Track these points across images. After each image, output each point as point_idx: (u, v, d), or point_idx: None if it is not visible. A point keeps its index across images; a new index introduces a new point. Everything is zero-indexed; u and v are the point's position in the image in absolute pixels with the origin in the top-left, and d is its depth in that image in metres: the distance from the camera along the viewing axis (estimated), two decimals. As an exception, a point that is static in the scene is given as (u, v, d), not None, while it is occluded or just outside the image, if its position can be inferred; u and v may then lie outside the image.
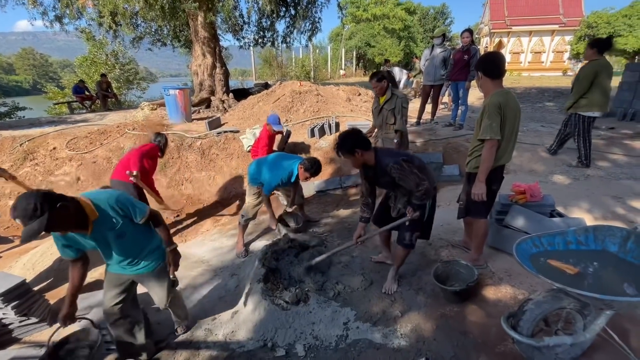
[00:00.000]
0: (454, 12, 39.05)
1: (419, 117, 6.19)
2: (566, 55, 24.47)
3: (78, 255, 1.76)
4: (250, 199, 3.34)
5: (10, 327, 2.44)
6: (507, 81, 13.91)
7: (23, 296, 2.47)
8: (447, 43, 5.72)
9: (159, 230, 2.01)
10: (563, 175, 4.12)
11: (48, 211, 1.39)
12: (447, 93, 7.13)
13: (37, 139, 5.89)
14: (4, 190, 5.10)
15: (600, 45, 3.72)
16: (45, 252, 3.53)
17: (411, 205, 2.25)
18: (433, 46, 5.64)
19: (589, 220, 3.00)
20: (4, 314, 2.39)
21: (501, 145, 2.21)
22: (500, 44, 25.18)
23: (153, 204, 4.25)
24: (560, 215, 2.80)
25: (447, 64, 5.47)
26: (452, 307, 2.28)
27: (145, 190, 3.91)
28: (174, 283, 2.13)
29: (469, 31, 5.20)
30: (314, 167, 3.06)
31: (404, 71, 10.17)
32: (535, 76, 19.97)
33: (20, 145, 5.70)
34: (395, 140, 3.65)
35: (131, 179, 3.65)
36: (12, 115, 11.76)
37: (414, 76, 9.58)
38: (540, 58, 25.47)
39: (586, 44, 3.94)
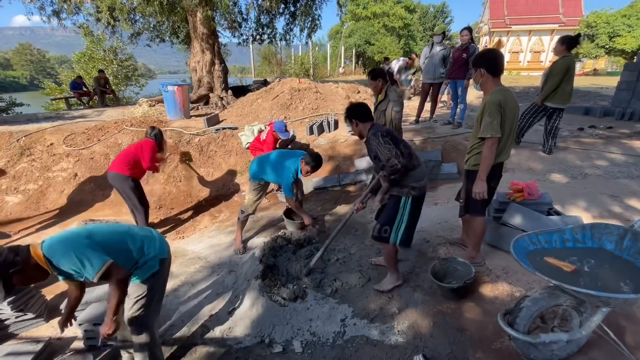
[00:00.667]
0: (454, 11, 39.03)
1: (418, 115, 6.18)
2: (565, 54, 24.50)
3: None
4: (250, 195, 3.34)
5: (6, 322, 2.43)
6: (506, 80, 13.92)
7: (19, 292, 2.47)
8: (447, 41, 5.69)
9: (110, 288, 1.62)
10: (561, 174, 4.13)
11: (2, 278, 1.44)
12: (446, 91, 7.12)
13: (34, 134, 5.85)
14: (0, 186, 5.07)
15: (569, 42, 4.00)
16: (42, 248, 3.51)
17: (381, 171, 2.24)
18: (433, 44, 5.62)
19: (587, 219, 3.01)
20: (0, 310, 2.38)
21: (500, 143, 2.21)
22: (499, 43, 25.17)
23: (152, 201, 4.24)
24: (557, 213, 2.80)
25: (447, 62, 5.46)
26: (449, 304, 2.29)
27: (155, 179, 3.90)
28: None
29: (468, 29, 5.19)
30: (314, 161, 3.08)
31: (402, 59, 9.70)
32: (535, 75, 19.99)
33: (17, 140, 5.66)
34: None
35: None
36: (10, 111, 11.69)
37: (413, 74, 9.51)
38: (539, 57, 25.49)
39: (557, 41, 4.21)
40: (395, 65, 8.78)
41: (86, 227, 1.74)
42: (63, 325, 1.86)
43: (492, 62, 2.21)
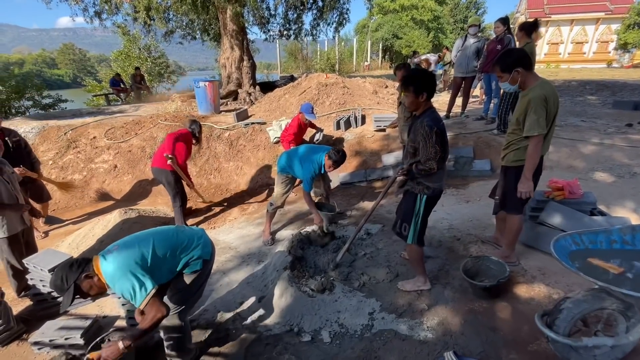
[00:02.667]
0: (488, 2, 37.15)
1: (449, 111, 6.00)
2: (612, 45, 22.69)
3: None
4: (278, 188, 3.41)
5: (59, 299, 2.65)
6: (544, 73, 13.14)
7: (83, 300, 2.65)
8: (480, 34, 5.46)
9: (145, 317, 1.65)
10: (606, 173, 3.87)
11: (74, 283, 1.59)
12: (478, 86, 6.84)
13: (79, 128, 6.28)
14: (50, 175, 5.50)
15: (528, 28, 4.02)
16: (87, 234, 3.79)
17: (407, 167, 2.17)
18: (466, 36, 5.41)
19: (635, 220, 2.81)
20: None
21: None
22: (536, 35, 23.76)
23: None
24: (602, 214, 2.65)
25: (481, 54, 5.24)
26: (481, 303, 2.23)
27: (179, 174, 4.00)
28: None
29: (501, 20, 4.95)
30: (337, 157, 3.10)
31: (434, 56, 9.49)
32: (576, 68, 18.70)
33: (65, 134, 6.09)
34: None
35: (168, 162, 3.78)
36: (56, 107, 12.55)
37: (444, 65, 9.22)
38: (582, 49, 23.78)
39: (517, 29, 4.20)
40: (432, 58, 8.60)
41: (139, 246, 1.74)
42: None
43: (525, 58, 2.12)
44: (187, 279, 1.89)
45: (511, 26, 5.58)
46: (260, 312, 2.48)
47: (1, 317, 2.34)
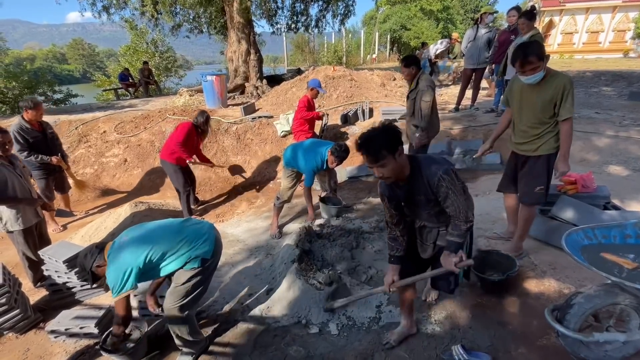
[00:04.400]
0: (499, -10, 36.13)
1: (458, 103, 5.91)
2: (629, 34, 21.90)
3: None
4: (285, 182, 3.42)
5: (73, 290, 2.73)
6: (557, 64, 12.81)
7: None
8: (491, 23, 5.33)
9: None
10: (620, 166, 3.78)
11: (90, 271, 1.83)
12: (490, 77, 6.71)
13: (89, 123, 6.36)
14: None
15: (529, 14, 3.99)
16: (99, 226, 3.87)
17: (450, 245, 1.59)
18: (477, 27, 5.29)
19: (650, 215, 2.74)
20: (68, 278, 2.67)
21: None
22: (550, 24, 23.07)
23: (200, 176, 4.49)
24: (616, 208, 2.59)
25: (492, 45, 5.13)
26: (489, 297, 2.22)
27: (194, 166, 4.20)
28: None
29: (516, 9, 4.82)
30: (340, 152, 3.10)
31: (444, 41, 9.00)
32: (590, 58, 18.15)
33: (76, 128, 6.19)
34: (417, 135, 3.43)
35: (189, 163, 4.21)
36: (67, 102, 12.76)
37: (453, 59, 9.04)
38: (597, 38, 22.99)
39: (522, 17, 4.08)
40: (432, 49, 8.39)
41: (143, 242, 1.84)
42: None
43: (542, 48, 2.08)
44: (186, 276, 1.90)
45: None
46: (269, 304, 2.51)
47: (19, 307, 2.42)
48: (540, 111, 2.17)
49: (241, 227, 3.89)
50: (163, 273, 1.90)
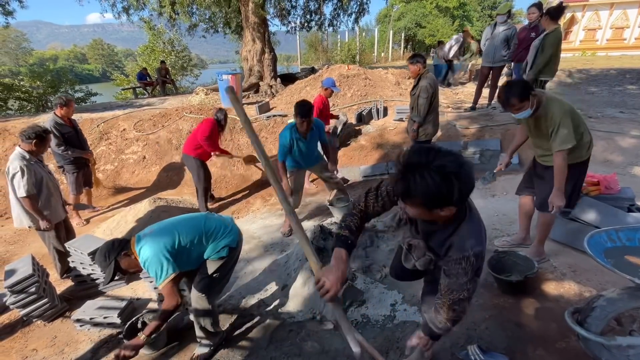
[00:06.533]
0: (519, -14, 35.17)
1: (475, 102, 5.81)
2: (656, 30, 20.96)
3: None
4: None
5: (97, 281, 2.84)
6: (579, 62, 12.39)
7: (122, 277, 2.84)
8: (510, 20, 5.21)
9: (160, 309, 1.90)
10: (645, 167, 3.65)
11: (114, 259, 1.79)
12: (506, 75, 6.57)
13: (110, 121, 6.57)
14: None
15: (554, 12, 3.86)
16: (120, 220, 4.00)
17: (425, 328, 1.42)
18: (495, 24, 5.19)
19: (677, 218, 2.64)
20: (92, 270, 2.78)
21: (583, 139, 2.12)
22: (572, 21, 22.31)
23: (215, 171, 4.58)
24: (640, 210, 2.51)
25: (510, 43, 5.01)
26: (507, 298, 2.19)
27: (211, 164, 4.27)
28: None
29: (537, 6, 4.70)
30: (296, 110, 3.00)
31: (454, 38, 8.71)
32: (614, 56, 17.47)
33: (97, 126, 6.40)
34: (413, 129, 3.62)
35: (213, 158, 4.36)
36: (87, 101, 13.18)
37: (469, 57, 8.87)
38: (622, 35, 22.08)
39: (545, 14, 4.00)
40: (447, 47, 8.23)
41: (170, 232, 1.87)
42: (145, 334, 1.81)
43: (524, 88, 2.02)
44: (214, 265, 1.98)
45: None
46: (284, 299, 2.55)
47: (47, 296, 2.54)
48: (549, 137, 2.12)
49: (256, 224, 3.95)
50: (193, 261, 1.94)
